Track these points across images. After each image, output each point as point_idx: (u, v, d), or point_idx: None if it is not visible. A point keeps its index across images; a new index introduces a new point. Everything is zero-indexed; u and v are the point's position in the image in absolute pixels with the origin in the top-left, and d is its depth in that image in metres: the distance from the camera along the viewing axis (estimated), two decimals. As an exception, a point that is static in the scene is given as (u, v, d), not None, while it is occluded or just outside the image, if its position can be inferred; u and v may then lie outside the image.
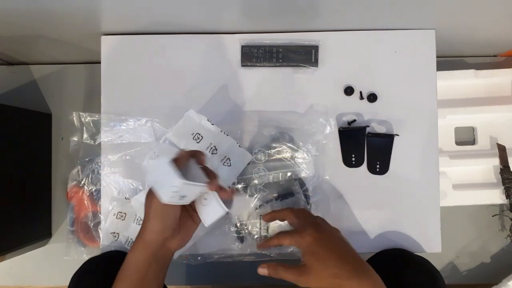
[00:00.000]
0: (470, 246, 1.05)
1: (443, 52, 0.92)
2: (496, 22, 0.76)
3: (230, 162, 0.69)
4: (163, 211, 0.53)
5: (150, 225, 0.53)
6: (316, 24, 0.73)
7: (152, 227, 0.53)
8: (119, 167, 0.73)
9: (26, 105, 1.00)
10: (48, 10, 0.66)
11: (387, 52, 0.74)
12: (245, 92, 0.74)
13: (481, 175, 0.98)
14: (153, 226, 0.53)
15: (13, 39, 0.84)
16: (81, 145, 0.75)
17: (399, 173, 0.73)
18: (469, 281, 1.05)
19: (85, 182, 0.81)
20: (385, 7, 0.66)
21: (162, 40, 0.75)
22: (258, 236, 0.70)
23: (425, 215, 0.72)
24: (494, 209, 1.03)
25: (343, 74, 0.74)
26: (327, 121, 0.71)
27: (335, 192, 0.73)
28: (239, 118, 0.74)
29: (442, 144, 0.99)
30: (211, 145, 0.70)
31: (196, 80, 0.75)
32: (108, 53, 0.75)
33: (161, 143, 0.72)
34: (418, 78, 0.74)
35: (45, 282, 1.05)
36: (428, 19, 0.72)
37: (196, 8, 0.66)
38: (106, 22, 0.72)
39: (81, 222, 0.83)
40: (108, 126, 0.73)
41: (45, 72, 1.06)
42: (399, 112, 0.73)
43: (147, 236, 0.54)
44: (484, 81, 0.96)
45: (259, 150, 0.71)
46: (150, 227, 0.53)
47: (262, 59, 0.73)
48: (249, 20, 0.72)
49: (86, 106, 1.05)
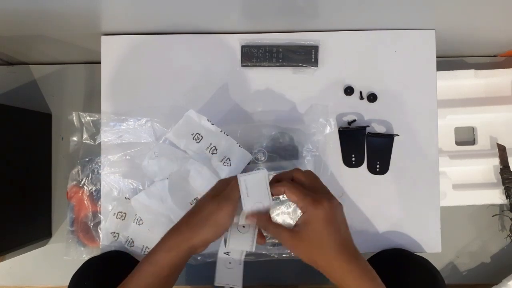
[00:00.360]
0: (470, 246, 1.05)
1: (443, 52, 0.92)
2: (496, 22, 0.76)
3: (230, 162, 0.69)
4: (225, 222, 0.50)
5: (204, 232, 0.50)
6: (316, 24, 0.73)
7: (205, 234, 0.50)
8: (119, 167, 0.72)
9: (26, 105, 1.00)
10: (48, 10, 0.66)
11: (387, 52, 0.74)
12: (245, 92, 0.74)
13: (481, 175, 0.98)
14: (206, 233, 0.50)
15: (13, 39, 0.84)
16: (81, 145, 0.75)
17: (399, 173, 0.73)
18: (469, 281, 1.05)
19: (85, 182, 0.81)
20: (385, 7, 0.66)
21: (162, 40, 0.75)
22: (258, 236, 0.70)
23: (425, 215, 0.72)
24: (494, 209, 1.03)
25: (343, 74, 0.74)
26: (327, 121, 0.71)
27: (335, 192, 0.72)
28: (239, 118, 0.74)
29: (442, 144, 0.99)
30: (211, 145, 0.70)
31: (196, 80, 0.75)
32: (108, 53, 0.75)
33: (161, 143, 0.72)
34: (418, 78, 0.74)
35: (45, 282, 1.05)
36: (428, 19, 0.72)
37: (196, 8, 0.66)
38: (106, 22, 0.72)
39: (81, 222, 0.83)
40: (108, 126, 0.73)
41: (45, 72, 1.06)
42: (399, 112, 0.73)
43: (195, 241, 0.50)
44: (484, 81, 0.96)
45: (259, 150, 0.71)
46: (203, 234, 0.50)
47: (262, 59, 0.73)
48: (249, 20, 0.72)
49: (86, 106, 1.05)
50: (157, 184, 0.71)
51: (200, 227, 0.50)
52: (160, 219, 0.70)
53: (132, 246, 0.71)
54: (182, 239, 0.51)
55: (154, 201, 0.70)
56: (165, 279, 0.51)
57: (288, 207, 0.70)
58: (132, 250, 0.71)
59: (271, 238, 0.71)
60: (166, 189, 0.70)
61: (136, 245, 0.71)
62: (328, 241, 0.48)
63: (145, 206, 0.71)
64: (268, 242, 0.71)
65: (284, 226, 0.51)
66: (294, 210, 0.70)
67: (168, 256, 0.50)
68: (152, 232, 0.70)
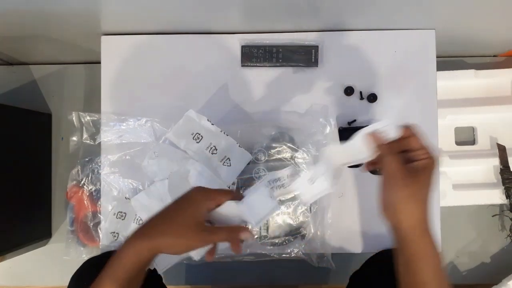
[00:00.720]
0: (470, 246, 1.05)
1: (443, 52, 0.92)
2: (496, 22, 0.76)
3: (230, 162, 0.69)
4: (203, 230, 0.48)
5: (181, 241, 0.48)
6: (316, 24, 0.73)
7: (185, 243, 0.48)
8: (119, 167, 0.72)
9: (26, 105, 1.00)
10: (48, 10, 0.66)
11: (387, 52, 0.74)
12: (245, 92, 0.74)
13: (481, 175, 0.98)
14: (180, 240, 0.48)
15: (13, 39, 0.84)
16: (81, 145, 0.75)
17: (399, 173, 0.73)
18: (469, 281, 1.05)
19: (85, 182, 0.81)
20: (385, 7, 0.66)
21: (162, 40, 0.75)
22: (258, 236, 0.70)
23: (425, 215, 0.72)
24: (494, 209, 1.03)
25: (343, 74, 0.74)
26: (327, 121, 0.71)
27: (335, 192, 0.73)
28: (239, 118, 0.74)
29: (442, 144, 0.99)
30: (211, 145, 0.70)
31: (196, 80, 0.75)
32: (108, 53, 0.75)
33: (161, 143, 0.72)
34: (418, 78, 0.74)
35: (45, 282, 1.05)
36: (428, 19, 0.72)
37: (196, 8, 0.66)
38: (106, 22, 0.72)
39: (81, 222, 0.83)
40: (108, 126, 0.73)
41: (45, 72, 1.06)
42: (399, 112, 0.73)
43: (165, 242, 0.47)
44: (484, 81, 0.96)
45: (259, 150, 0.71)
46: (184, 243, 0.48)
47: (262, 59, 0.73)
48: (249, 20, 0.72)
49: (86, 106, 1.05)
50: (157, 184, 0.71)
51: (178, 234, 0.48)
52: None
53: (132, 246, 0.71)
54: (154, 242, 0.48)
55: (154, 201, 0.70)
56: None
57: (288, 207, 0.70)
58: (132, 250, 0.71)
59: (270, 239, 0.71)
60: (166, 189, 0.70)
61: (136, 245, 0.71)
62: (427, 193, 0.48)
63: (145, 206, 0.71)
64: (268, 242, 0.71)
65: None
66: (294, 210, 0.70)
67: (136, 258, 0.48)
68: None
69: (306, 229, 0.71)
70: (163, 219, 0.50)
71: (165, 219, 0.50)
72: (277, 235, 0.71)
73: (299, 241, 0.71)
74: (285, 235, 0.71)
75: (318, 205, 0.71)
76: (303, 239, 0.71)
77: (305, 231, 0.71)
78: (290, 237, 0.71)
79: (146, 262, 0.48)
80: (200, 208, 0.50)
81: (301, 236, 0.71)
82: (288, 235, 0.71)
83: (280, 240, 0.71)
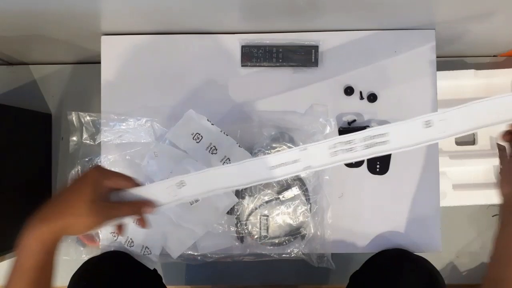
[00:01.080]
0: (470, 246, 1.05)
1: (443, 52, 0.92)
2: (496, 22, 0.76)
3: (230, 162, 0.69)
4: (104, 207, 0.48)
5: (81, 219, 0.47)
6: (316, 24, 0.73)
7: (86, 221, 0.47)
8: (119, 167, 0.72)
9: (26, 105, 1.00)
10: (48, 10, 0.66)
11: (387, 52, 0.74)
12: (245, 92, 0.74)
13: (481, 175, 0.98)
14: (80, 219, 0.47)
15: (13, 39, 0.84)
16: (81, 145, 0.75)
17: (399, 173, 0.73)
18: (469, 281, 1.05)
19: (85, 182, 0.81)
20: (385, 7, 0.66)
21: (162, 40, 0.75)
22: (258, 236, 0.70)
23: (425, 215, 0.72)
24: (494, 209, 1.02)
25: (343, 74, 0.74)
26: (327, 121, 0.71)
27: (335, 192, 0.73)
28: (239, 118, 0.74)
29: (442, 144, 0.99)
30: (211, 145, 0.70)
31: (196, 80, 0.75)
32: (108, 53, 0.75)
33: (161, 143, 0.72)
34: (418, 78, 0.74)
35: (45, 282, 1.05)
36: (428, 19, 0.72)
37: (196, 8, 0.66)
38: (106, 22, 0.72)
39: (81, 222, 0.83)
40: (108, 126, 0.73)
41: (45, 72, 1.06)
42: (399, 112, 0.73)
43: (65, 222, 0.47)
44: (484, 81, 0.96)
45: (259, 150, 0.71)
46: (85, 221, 0.47)
47: (262, 59, 0.73)
48: (249, 20, 0.72)
49: (86, 106, 1.05)
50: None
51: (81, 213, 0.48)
52: (160, 219, 0.70)
53: (131, 246, 0.71)
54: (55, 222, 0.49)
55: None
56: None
57: (288, 207, 0.70)
58: (132, 250, 0.71)
59: (270, 239, 0.71)
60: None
61: (136, 245, 0.71)
62: None
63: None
64: (268, 242, 0.71)
65: None
66: (294, 210, 0.70)
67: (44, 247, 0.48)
68: (152, 232, 0.70)
69: (306, 229, 0.71)
70: (60, 201, 0.50)
71: (62, 201, 0.50)
72: (277, 235, 0.71)
73: (299, 241, 0.71)
74: (285, 235, 0.71)
75: (318, 205, 0.71)
76: (303, 239, 0.71)
77: (305, 231, 0.71)
78: (290, 237, 0.71)
79: (52, 247, 0.48)
80: (97, 186, 0.49)
81: (301, 236, 0.71)
82: (288, 235, 0.71)
83: (280, 240, 0.71)
